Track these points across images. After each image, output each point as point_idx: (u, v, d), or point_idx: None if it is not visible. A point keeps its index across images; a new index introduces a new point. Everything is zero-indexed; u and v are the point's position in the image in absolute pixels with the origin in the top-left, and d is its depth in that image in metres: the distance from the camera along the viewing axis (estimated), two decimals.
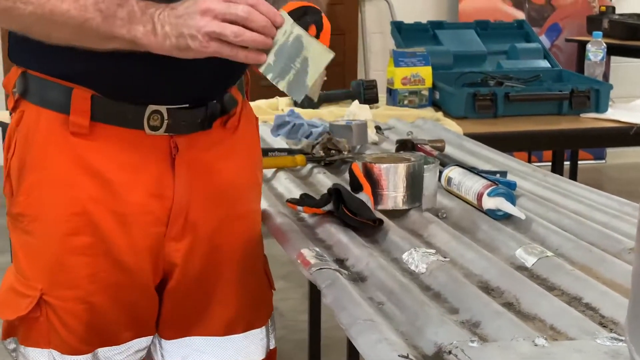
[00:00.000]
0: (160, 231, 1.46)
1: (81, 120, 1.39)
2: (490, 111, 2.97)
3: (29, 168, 1.44)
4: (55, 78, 1.41)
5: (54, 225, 1.43)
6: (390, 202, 1.67)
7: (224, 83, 1.51)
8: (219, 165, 1.50)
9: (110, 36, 1.29)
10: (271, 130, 2.39)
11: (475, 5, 5.04)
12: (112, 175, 1.42)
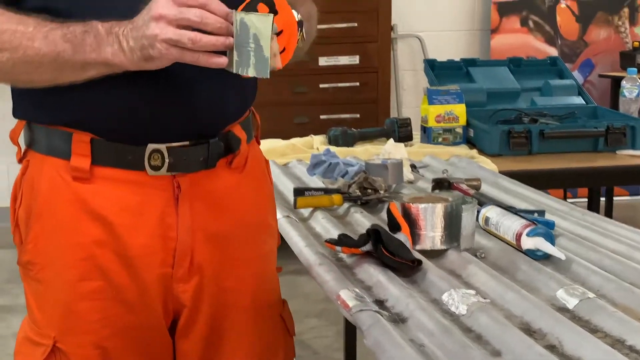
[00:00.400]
0: (167, 272, 1.45)
1: (82, 164, 1.40)
2: (525, 148, 2.96)
3: (35, 216, 1.45)
4: (56, 126, 1.42)
5: (62, 272, 1.43)
6: (428, 242, 1.67)
7: (223, 119, 1.49)
8: (223, 206, 1.49)
9: (84, 63, 1.31)
10: (307, 169, 2.40)
11: (508, 42, 5.04)
12: (115, 218, 1.42)
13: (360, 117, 4.43)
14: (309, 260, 1.66)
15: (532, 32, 5.09)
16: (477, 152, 2.94)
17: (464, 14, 5.21)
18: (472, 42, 5.22)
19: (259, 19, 1.28)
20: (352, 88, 4.44)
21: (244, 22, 1.28)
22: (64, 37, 1.31)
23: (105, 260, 1.42)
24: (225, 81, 1.45)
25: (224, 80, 1.44)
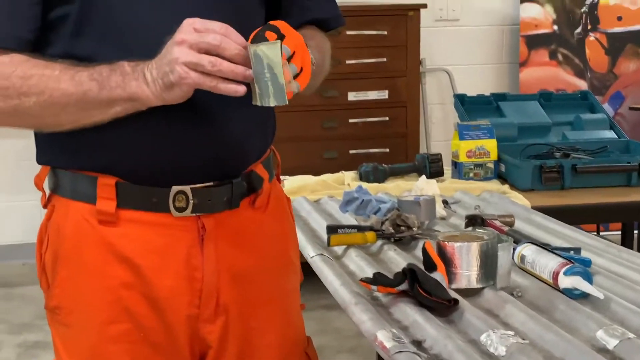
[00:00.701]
0: (193, 313, 1.46)
1: (108, 208, 1.42)
2: (558, 183, 2.95)
3: (62, 261, 1.46)
4: (80, 170, 1.43)
5: (90, 315, 1.44)
6: (464, 281, 1.66)
7: (245, 158, 1.51)
8: (248, 246, 1.51)
9: (110, 100, 1.33)
10: (340, 206, 2.40)
11: (537, 75, 5.04)
12: (141, 261, 1.43)
13: (390, 151, 4.43)
14: (344, 299, 1.66)
15: (562, 65, 5.08)
16: (508, 187, 2.93)
17: (492, 47, 5.21)
18: (500, 75, 5.22)
19: (268, 48, 1.30)
20: (381, 122, 4.45)
21: (257, 53, 1.30)
22: (90, 77, 1.34)
23: (132, 302, 1.43)
24: (247, 121, 1.47)
25: (246, 121, 1.47)
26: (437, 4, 5.05)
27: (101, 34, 1.38)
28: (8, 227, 4.78)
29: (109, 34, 1.38)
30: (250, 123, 1.49)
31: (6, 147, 4.66)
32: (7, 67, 1.35)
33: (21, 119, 1.39)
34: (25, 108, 1.35)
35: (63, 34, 1.39)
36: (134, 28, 1.39)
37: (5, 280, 4.52)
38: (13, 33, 1.37)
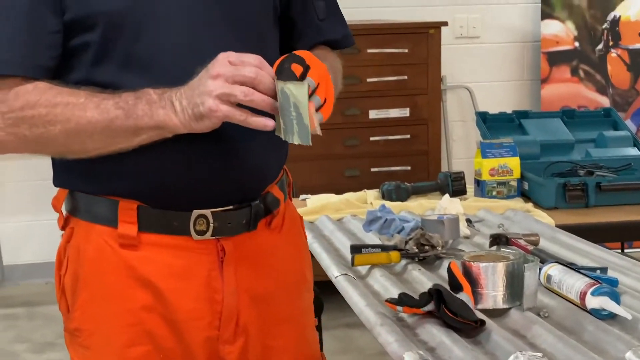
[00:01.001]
0: (213, 335, 1.47)
1: (129, 232, 1.43)
2: (582, 201, 2.93)
3: (83, 283, 1.46)
4: (101, 195, 1.44)
5: (111, 338, 1.44)
6: (490, 301, 1.65)
7: (264, 181, 1.52)
8: (266, 267, 1.52)
9: (136, 128, 1.34)
10: (363, 226, 2.40)
11: (558, 92, 5.02)
12: (162, 284, 1.44)
13: (412, 169, 4.42)
14: (370, 320, 1.65)
15: (583, 82, 5.06)
16: (532, 205, 2.91)
17: (513, 64, 5.20)
18: (521, 92, 5.21)
19: (296, 88, 1.31)
20: (402, 140, 4.44)
21: (284, 90, 1.31)
22: (115, 105, 1.34)
23: (153, 325, 1.44)
24: (265, 145, 1.48)
25: (265, 144, 1.48)
26: (457, 21, 5.05)
27: (123, 62, 1.39)
28: (30, 246, 4.80)
29: (131, 62, 1.39)
30: (268, 147, 1.50)
31: (28, 167, 4.69)
32: (32, 95, 1.36)
33: (46, 146, 1.40)
34: (51, 136, 1.36)
35: (84, 60, 1.40)
36: (156, 57, 1.40)
37: (28, 300, 4.54)
38: (34, 61, 1.37)
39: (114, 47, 1.39)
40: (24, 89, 1.36)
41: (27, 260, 4.81)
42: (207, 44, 1.39)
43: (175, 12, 1.41)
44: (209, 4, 1.43)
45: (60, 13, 1.37)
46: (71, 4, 1.37)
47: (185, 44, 1.41)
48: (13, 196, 4.74)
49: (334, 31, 1.65)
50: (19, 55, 1.36)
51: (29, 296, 4.59)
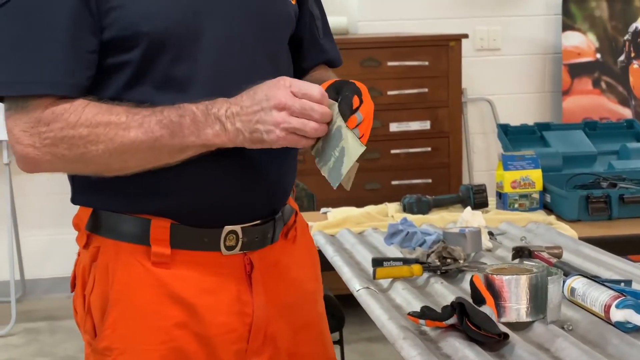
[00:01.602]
0: (242, 347, 1.48)
1: (162, 250, 1.43)
2: (605, 214, 2.91)
3: (113, 302, 1.45)
4: (132, 213, 1.44)
5: (143, 356, 1.45)
6: (513, 315, 1.63)
7: (287, 194, 1.55)
8: (288, 277, 1.55)
9: (183, 147, 1.35)
10: (385, 239, 2.39)
11: (580, 103, 5.00)
12: (194, 300, 1.45)
13: (432, 182, 4.42)
14: (392, 333, 1.64)
15: (605, 94, 5.04)
16: (554, 217, 2.89)
17: (534, 76, 5.19)
18: (543, 104, 5.19)
19: (354, 142, 1.34)
20: (423, 153, 4.44)
21: (340, 130, 1.33)
22: (159, 123, 1.34)
23: (185, 342, 1.45)
24: (286, 160, 1.52)
25: (286, 160, 1.51)
26: (478, 33, 5.05)
27: (160, 82, 1.40)
28: (53, 260, 4.83)
29: (168, 82, 1.40)
30: (288, 162, 1.54)
31: (52, 181, 4.72)
32: (71, 115, 1.35)
33: (86, 165, 1.39)
34: (92, 156, 1.36)
35: (118, 79, 1.40)
36: (194, 78, 1.41)
37: (50, 314, 4.56)
38: (72, 81, 1.37)
39: (153, 68, 1.39)
40: (62, 108, 1.36)
41: (50, 274, 4.84)
42: (242, 65, 1.41)
43: (214, 34, 1.42)
44: (245, 27, 1.45)
45: (99, 33, 1.37)
46: (111, 23, 1.37)
47: (222, 65, 1.42)
48: (36, 210, 4.77)
49: (332, 50, 1.69)
50: (57, 75, 1.36)
51: (51, 310, 4.61)
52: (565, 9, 4.97)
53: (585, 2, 4.99)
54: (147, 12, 1.37)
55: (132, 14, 1.37)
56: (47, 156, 1.36)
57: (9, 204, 4.51)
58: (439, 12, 5.02)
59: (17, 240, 4.65)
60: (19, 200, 4.67)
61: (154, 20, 1.38)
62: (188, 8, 1.41)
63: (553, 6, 5.10)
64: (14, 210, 4.57)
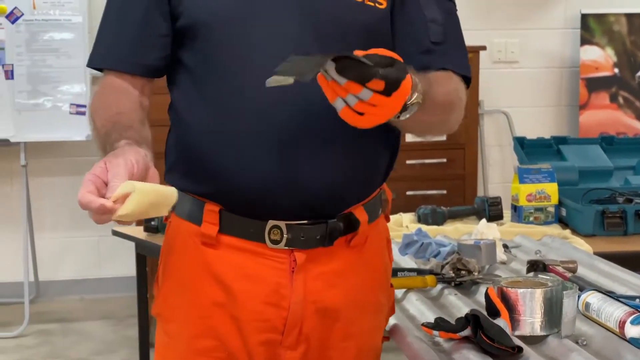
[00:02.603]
0: (275, 338, 1.52)
1: (210, 232, 1.50)
2: (621, 229, 2.90)
3: (168, 273, 1.56)
4: (194, 194, 1.53)
5: (182, 327, 1.53)
6: (527, 328, 1.63)
7: (342, 204, 1.53)
8: (337, 283, 1.54)
9: None
10: (399, 249, 2.39)
11: (597, 118, 4.99)
12: (234, 283, 1.50)
13: (447, 193, 4.41)
14: (406, 344, 1.64)
15: (622, 108, 5.02)
16: (570, 232, 2.89)
17: (551, 89, 5.18)
18: (559, 117, 5.18)
19: None
20: (439, 164, 4.44)
21: None
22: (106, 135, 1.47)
23: (220, 322, 1.51)
24: (348, 170, 1.51)
25: (347, 169, 1.51)
26: (495, 45, 5.05)
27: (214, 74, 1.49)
28: (66, 262, 4.85)
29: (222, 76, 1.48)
30: (351, 171, 1.52)
31: (66, 184, 4.74)
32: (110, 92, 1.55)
33: None
34: None
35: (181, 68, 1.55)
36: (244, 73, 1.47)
37: (62, 316, 4.58)
38: (138, 60, 1.53)
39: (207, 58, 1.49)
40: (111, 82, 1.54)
41: (63, 276, 4.85)
42: None
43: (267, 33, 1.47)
44: (304, 27, 1.46)
45: (170, 20, 1.51)
46: (182, 12, 1.49)
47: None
48: (50, 213, 4.79)
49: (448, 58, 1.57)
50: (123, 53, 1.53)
51: (64, 312, 4.63)
52: (584, 23, 4.97)
53: (604, 16, 4.99)
54: (208, 3, 1.48)
55: (195, 4, 1.48)
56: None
57: (24, 206, 4.54)
58: None
59: (32, 242, 4.67)
60: (35, 202, 4.70)
61: (213, 11, 1.47)
62: (246, 3, 1.48)
63: (572, 20, 5.09)
64: (29, 212, 4.60)
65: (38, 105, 4.41)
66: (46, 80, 4.41)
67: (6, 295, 4.74)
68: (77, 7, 4.42)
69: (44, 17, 4.40)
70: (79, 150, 4.72)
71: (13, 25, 4.37)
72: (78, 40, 4.42)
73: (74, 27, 4.42)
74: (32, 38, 4.39)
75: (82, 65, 4.41)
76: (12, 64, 4.38)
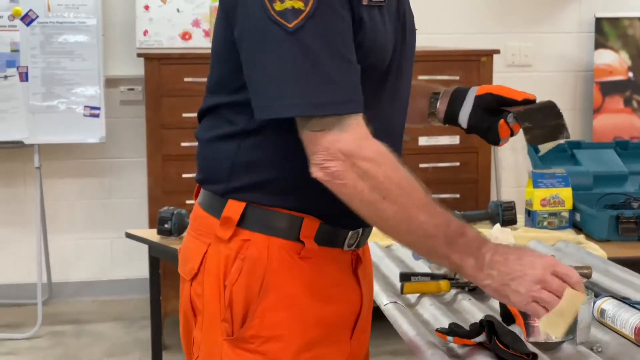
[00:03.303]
0: (349, 335, 1.59)
1: (311, 246, 1.53)
2: (635, 234, 2.89)
3: (264, 292, 1.52)
4: (284, 209, 1.52)
5: (288, 344, 1.52)
6: (542, 334, 1.63)
7: None
8: (371, 271, 1.70)
9: (444, 256, 1.44)
10: (412, 254, 2.39)
11: (611, 122, 4.97)
12: (329, 291, 1.56)
13: (460, 197, 4.40)
14: (419, 349, 1.64)
15: (636, 112, 5.00)
16: (584, 237, 2.88)
17: (565, 93, 5.16)
18: (573, 121, 5.16)
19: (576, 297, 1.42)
20: (452, 168, 4.43)
21: None
22: (445, 226, 1.43)
23: (317, 332, 1.54)
24: None
25: None
26: (509, 49, 5.03)
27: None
28: (80, 264, 4.86)
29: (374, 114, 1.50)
30: None
31: (81, 186, 4.76)
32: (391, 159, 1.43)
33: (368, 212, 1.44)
34: (380, 209, 1.42)
35: None
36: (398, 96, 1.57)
37: (75, 317, 4.59)
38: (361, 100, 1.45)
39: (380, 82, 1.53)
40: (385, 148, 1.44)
41: (77, 278, 4.87)
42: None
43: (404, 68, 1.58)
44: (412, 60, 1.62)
45: None
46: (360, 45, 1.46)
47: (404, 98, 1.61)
48: (65, 214, 4.81)
49: None
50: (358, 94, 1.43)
51: (77, 314, 4.64)
52: (598, 27, 4.95)
53: (618, 20, 4.97)
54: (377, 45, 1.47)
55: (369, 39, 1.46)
56: (350, 180, 1.41)
57: (39, 207, 4.55)
58: (471, 27, 5.02)
59: (45, 243, 4.68)
60: (49, 203, 4.71)
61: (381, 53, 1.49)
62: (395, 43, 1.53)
63: (586, 24, 5.07)
64: (43, 213, 4.61)
65: (52, 108, 4.42)
66: (60, 82, 4.42)
67: (20, 296, 4.75)
68: (92, 10, 4.43)
69: (58, 20, 4.41)
70: (92, 152, 4.74)
71: (28, 27, 4.38)
72: (92, 42, 4.43)
73: (88, 29, 4.43)
74: (47, 40, 4.41)
75: (95, 68, 4.44)
76: (26, 66, 4.39)
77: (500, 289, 1.42)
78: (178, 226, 3.16)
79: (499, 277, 1.41)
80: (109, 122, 4.54)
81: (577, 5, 5.10)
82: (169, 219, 3.17)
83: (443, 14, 4.97)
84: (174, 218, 3.17)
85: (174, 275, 4.40)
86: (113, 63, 4.71)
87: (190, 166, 4.09)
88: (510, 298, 1.41)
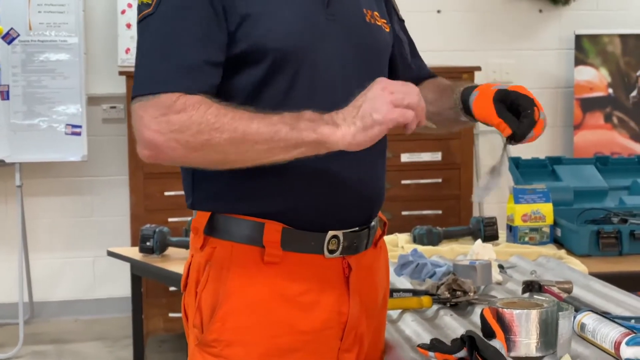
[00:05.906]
0: (336, 345, 1.59)
1: (275, 251, 1.54)
2: (616, 249, 2.91)
3: (225, 297, 1.55)
4: (245, 216, 1.55)
5: (249, 348, 1.54)
6: (523, 349, 1.63)
7: (380, 204, 1.67)
8: (375, 281, 1.67)
9: (298, 142, 1.42)
10: (395, 270, 2.39)
11: (591, 138, 5.01)
12: (301, 298, 1.55)
13: (443, 213, 4.41)
14: None
15: (617, 129, 5.04)
16: (565, 252, 2.89)
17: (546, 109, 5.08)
18: (554, 138, 5.19)
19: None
20: (434, 184, 4.44)
21: None
22: (281, 119, 1.43)
23: (289, 339, 1.54)
24: (383, 171, 1.66)
25: (383, 171, 1.66)
26: (490, 66, 5.07)
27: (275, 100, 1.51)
28: (62, 283, 4.83)
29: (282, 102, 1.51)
30: (383, 171, 1.67)
31: (60, 205, 4.74)
32: (202, 105, 1.44)
33: (205, 155, 1.46)
34: (214, 144, 1.43)
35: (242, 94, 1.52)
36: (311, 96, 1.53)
37: (57, 337, 4.56)
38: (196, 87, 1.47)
39: (271, 85, 1.52)
40: (195, 99, 1.45)
41: (58, 297, 4.84)
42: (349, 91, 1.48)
43: (326, 58, 1.56)
44: (353, 55, 1.59)
45: (226, 47, 1.50)
46: (242, 37, 1.50)
47: (336, 86, 1.55)
48: (47, 233, 4.78)
49: (422, 68, 1.85)
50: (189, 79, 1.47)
51: (59, 334, 4.61)
52: (578, 44, 4.99)
53: (598, 37, 5.01)
54: (275, 29, 1.50)
55: (261, 30, 1.50)
56: (172, 142, 1.44)
57: (19, 226, 4.53)
58: (452, 44, 5.05)
59: (26, 262, 4.66)
60: (30, 222, 4.69)
61: (281, 38, 1.51)
62: (308, 30, 1.54)
63: (566, 41, 5.11)
64: (24, 232, 4.59)
65: (33, 126, 4.42)
66: (42, 100, 4.41)
67: (1, 316, 4.72)
68: (73, 29, 4.43)
69: (40, 38, 4.41)
70: (74, 170, 4.72)
71: (9, 45, 4.38)
72: (74, 60, 4.43)
73: (70, 48, 4.43)
74: (28, 59, 4.40)
75: (77, 86, 4.43)
76: (7, 85, 4.39)
77: (365, 124, 1.39)
78: (160, 244, 3.16)
79: (355, 116, 1.40)
80: (90, 140, 4.53)
81: (557, 23, 5.14)
82: (151, 237, 3.17)
83: (424, 31, 5.00)
84: (156, 236, 3.16)
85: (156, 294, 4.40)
86: (95, 81, 4.71)
87: (172, 184, 4.12)
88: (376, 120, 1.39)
